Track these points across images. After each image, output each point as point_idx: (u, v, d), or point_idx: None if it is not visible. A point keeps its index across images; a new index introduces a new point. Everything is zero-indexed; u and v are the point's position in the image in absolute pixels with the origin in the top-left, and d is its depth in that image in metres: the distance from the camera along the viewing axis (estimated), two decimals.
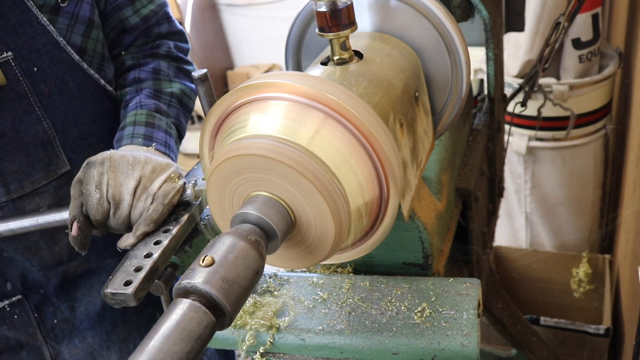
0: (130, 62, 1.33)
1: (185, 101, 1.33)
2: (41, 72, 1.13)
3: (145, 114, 1.21)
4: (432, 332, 0.84)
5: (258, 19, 4.90)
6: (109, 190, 0.96)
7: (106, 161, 0.98)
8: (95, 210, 0.97)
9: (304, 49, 1.04)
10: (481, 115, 1.48)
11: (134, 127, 1.19)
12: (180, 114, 1.31)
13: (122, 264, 0.91)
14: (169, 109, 1.27)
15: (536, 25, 2.30)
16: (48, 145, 1.16)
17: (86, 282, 1.33)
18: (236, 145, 0.69)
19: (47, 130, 1.15)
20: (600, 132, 2.55)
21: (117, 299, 0.86)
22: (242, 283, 0.61)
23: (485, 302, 1.46)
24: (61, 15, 1.15)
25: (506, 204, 2.81)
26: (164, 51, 1.34)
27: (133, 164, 0.98)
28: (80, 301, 1.33)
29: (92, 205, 0.96)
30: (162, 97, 1.28)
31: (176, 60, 1.36)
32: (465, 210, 1.22)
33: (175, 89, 1.31)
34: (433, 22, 0.93)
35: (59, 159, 1.18)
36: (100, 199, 0.96)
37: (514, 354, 1.96)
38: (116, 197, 0.97)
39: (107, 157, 0.98)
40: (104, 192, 0.97)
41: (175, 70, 1.34)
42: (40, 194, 1.18)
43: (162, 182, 0.98)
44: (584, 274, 2.61)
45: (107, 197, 0.97)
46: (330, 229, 0.69)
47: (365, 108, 0.70)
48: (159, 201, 0.97)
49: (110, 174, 0.97)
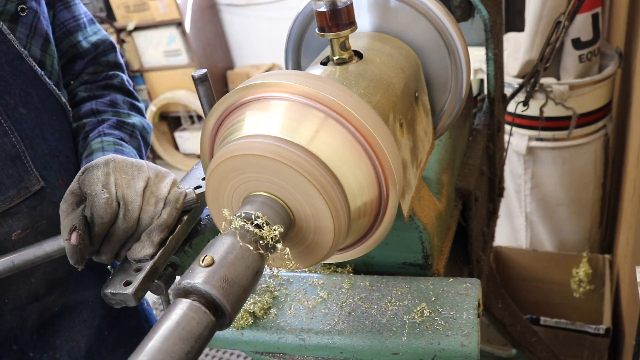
0: (84, 93, 1.28)
1: (145, 135, 1.28)
2: (5, 82, 1.07)
3: (112, 141, 1.16)
4: (432, 332, 0.84)
5: (258, 19, 4.90)
6: (117, 190, 0.91)
7: (110, 162, 0.93)
8: (104, 211, 0.89)
9: (304, 49, 1.04)
10: (481, 115, 1.48)
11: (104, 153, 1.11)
12: (142, 146, 1.26)
13: (122, 264, 0.91)
14: (131, 139, 1.22)
15: (536, 25, 2.30)
16: (17, 160, 1.08)
17: (66, 323, 1.21)
18: (236, 145, 0.69)
19: (15, 143, 1.08)
20: (600, 132, 2.55)
21: (117, 299, 0.85)
22: (242, 283, 0.61)
23: (485, 302, 1.46)
24: (20, 25, 1.10)
25: (506, 204, 2.81)
26: (117, 83, 1.32)
27: (138, 167, 0.94)
28: (61, 349, 1.20)
29: (99, 205, 0.89)
30: (125, 127, 1.23)
31: (129, 95, 1.33)
32: (465, 210, 1.22)
33: (136, 121, 1.27)
34: (433, 22, 0.93)
35: (31, 175, 1.10)
36: (109, 198, 0.90)
37: (514, 354, 1.97)
38: (126, 198, 0.91)
39: (110, 159, 0.94)
40: (113, 191, 0.90)
41: (129, 106, 1.31)
42: (13, 215, 1.09)
43: (170, 186, 0.94)
44: (584, 274, 2.62)
45: (117, 197, 0.91)
46: (329, 229, 0.69)
47: (365, 108, 0.70)
48: (172, 206, 0.92)
49: (117, 174, 0.92)
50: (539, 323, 2.36)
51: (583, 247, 2.74)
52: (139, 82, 5.10)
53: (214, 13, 5.05)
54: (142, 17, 4.73)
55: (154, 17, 4.69)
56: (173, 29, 4.73)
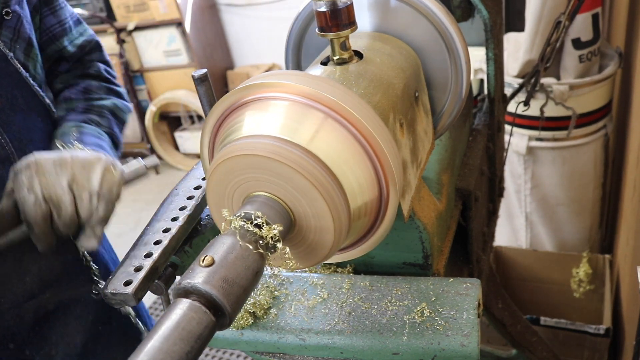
0: (60, 85, 1.32)
1: (118, 113, 1.31)
2: None
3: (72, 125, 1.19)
4: (432, 332, 0.84)
5: (258, 19, 4.90)
6: (43, 191, 0.95)
7: (32, 165, 0.96)
8: (35, 213, 0.94)
9: (304, 49, 1.04)
10: (481, 115, 1.48)
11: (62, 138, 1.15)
12: (113, 124, 1.28)
13: (122, 264, 0.91)
14: (100, 119, 1.25)
15: (536, 25, 2.30)
16: (6, 161, 1.10)
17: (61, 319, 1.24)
18: (236, 145, 0.69)
19: (5, 145, 1.10)
20: (600, 132, 2.55)
21: (117, 299, 0.85)
22: (242, 283, 0.61)
23: (485, 302, 1.46)
24: (4, 29, 1.12)
25: (506, 204, 2.81)
26: (94, 71, 1.35)
27: (60, 164, 0.97)
28: (57, 345, 1.23)
29: (29, 209, 0.94)
30: (93, 110, 1.26)
31: (106, 81, 1.36)
32: (465, 210, 1.22)
33: (107, 103, 1.30)
34: (433, 22, 0.93)
35: None
36: (36, 200, 0.94)
37: (514, 354, 1.97)
38: (53, 198, 0.95)
39: (32, 162, 0.97)
40: (39, 193, 0.94)
41: (105, 90, 1.34)
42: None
43: (100, 177, 0.97)
44: (584, 274, 2.62)
45: (44, 198, 0.95)
46: (329, 229, 0.69)
47: (365, 108, 0.70)
48: (106, 199, 0.97)
49: (40, 176, 0.95)
50: (539, 323, 2.36)
51: (583, 247, 2.74)
52: (139, 82, 5.10)
53: (214, 13, 5.05)
54: (142, 17, 4.73)
55: (154, 17, 4.69)
56: (173, 29, 4.73)
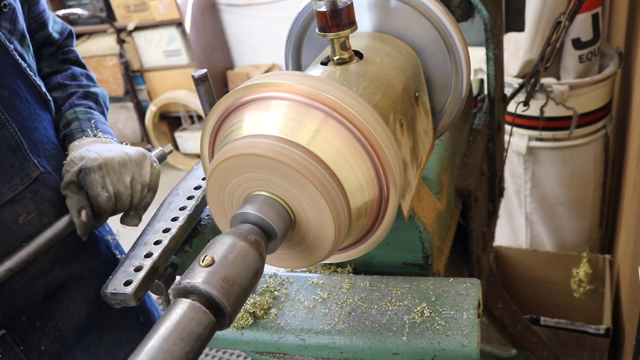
0: (47, 69, 1.44)
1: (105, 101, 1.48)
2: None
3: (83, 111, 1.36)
4: (432, 332, 0.84)
5: (258, 19, 4.90)
6: (113, 188, 1.18)
7: (103, 166, 1.18)
8: (106, 206, 1.19)
9: (304, 49, 1.04)
10: (481, 115, 1.48)
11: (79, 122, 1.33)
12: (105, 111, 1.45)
13: (122, 264, 0.91)
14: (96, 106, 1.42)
15: (536, 25, 2.30)
16: (17, 149, 1.17)
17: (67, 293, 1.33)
18: (236, 144, 0.69)
19: (14, 134, 1.16)
20: (600, 132, 2.55)
21: (117, 299, 0.86)
22: (242, 283, 0.61)
23: (485, 302, 1.46)
24: (3, 21, 1.17)
25: (506, 204, 2.81)
26: (73, 57, 1.48)
27: (123, 164, 1.20)
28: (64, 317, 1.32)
29: (103, 202, 1.18)
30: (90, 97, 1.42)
31: (83, 67, 1.50)
32: (465, 210, 1.22)
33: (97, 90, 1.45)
34: (433, 22, 0.93)
35: (29, 162, 1.19)
36: (109, 197, 1.18)
37: (514, 354, 1.97)
38: (119, 193, 1.20)
39: (102, 163, 1.18)
40: (111, 190, 1.18)
41: (86, 76, 1.48)
42: (19, 200, 1.18)
43: (150, 172, 1.24)
44: (584, 274, 2.61)
45: (114, 194, 1.19)
46: (330, 229, 0.69)
47: (366, 108, 0.70)
48: (153, 190, 1.25)
49: (111, 176, 1.18)
50: (539, 323, 2.36)
51: (583, 247, 2.74)
52: (139, 82, 5.09)
53: (214, 13, 5.05)
54: (142, 17, 4.73)
55: (154, 17, 4.69)
56: (173, 29, 4.73)
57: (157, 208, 1.04)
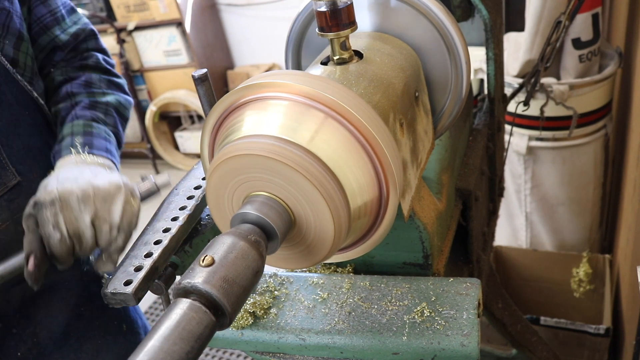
0: (60, 77, 1.32)
1: (122, 111, 1.33)
2: None
3: (82, 124, 1.22)
4: (432, 332, 0.84)
5: (258, 19, 4.90)
6: (68, 227, 0.99)
7: (56, 202, 0.99)
8: (60, 249, 0.99)
9: (304, 48, 1.04)
10: (481, 115, 1.48)
11: (72, 137, 1.18)
12: (118, 123, 1.31)
13: (122, 264, 0.91)
14: (106, 117, 1.27)
15: (536, 25, 2.30)
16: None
17: (45, 300, 1.29)
18: (236, 145, 0.69)
19: None
20: (601, 132, 2.55)
21: (117, 299, 0.85)
22: (242, 283, 0.61)
23: (485, 302, 1.46)
24: None
25: (506, 204, 2.81)
26: (92, 62, 1.34)
27: (84, 200, 1.00)
28: (42, 324, 1.28)
29: (55, 245, 0.99)
30: (99, 107, 1.28)
31: (106, 73, 1.36)
32: (465, 210, 1.22)
33: (111, 99, 1.31)
34: (433, 22, 0.93)
35: (7, 170, 1.15)
36: (62, 237, 0.98)
37: (514, 354, 1.96)
38: (77, 233, 1.00)
39: (56, 198, 1.00)
40: (64, 230, 0.99)
41: (106, 83, 1.34)
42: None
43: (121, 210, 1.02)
44: (584, 274, 2.61)
45: (69, 235, 0.99)
46: (329, 229, 0.69)
47: (366, 108, 0.70)
48: (125, 231, 1.02)
49: (65, 213, 0.99)
50: (539, 323, 2.36)
51: (583, 247, 2.74)
52: (139, 82, 5.10)
53: (214, 13, 5.05)
54: (142, 17, 4.73)
55: (154, 17, 4.69)
56: (173, 28, 4.73)
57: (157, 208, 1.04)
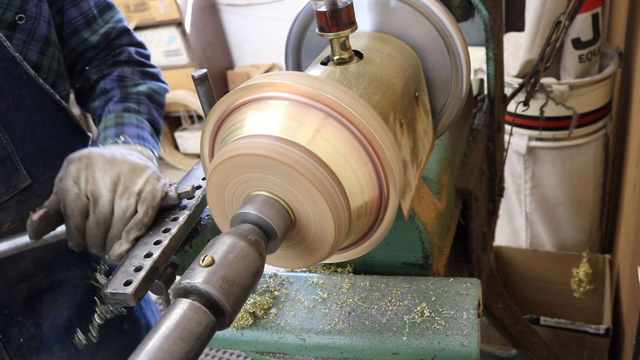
0: (95, 75, 1.34)
1: (156, 97, 1.33)
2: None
3: (113, 117, 1.22)
4: (432, 332, 0.84)
5: (258, 19, 4.90)
6: (87, 185, 0.96)
7: (84, 158, 0.98)
8: (74, 204, 0.95)
9: (304, 49, 1.04)
10: (481, 115, 1.48)
11: (105, 132, 1.19)
12: (152, 109, 1.30)
13: (122, 264, 0.91)
14: (139, 106, 1.27)
15: (536, 25, 2.30)
16: (7, 160, 1.14)
17: (51, 296, 1.31)
18: (236, 145, 0.69)
19: (6, 145, 1.13)
20: (600, 132, 2.55)
21: (117, 299, 0.85)
22: (242, 283, 0.61)
23: (485, 302, 1.46)
24: (18, 32, 1.14)
25: (506, 204, 2.81)
26: (125, 57, 1.35)
27: (111, 162, 0.98)
28: (46, 316, 1.31)
29: (70, 199, 0.95)
30: (130, 97, 1.28)
31: (139, 65, 1.36)
32: (465, 210, 1.22)
33: (143, 88, 1.31)
34: (433, 22, 0.93)
35: (19, 173, 1.16)
36: (79, 193, 0.95)
37: (514, 354, 1.97)
38: (94, 193, 0.96)
39: (85, 155, 0.98)
40: (83, 187, 0.96)
41: (140, 74, 1.34)
42: (3, 209, 1.16)
43: (144, 182, 0.98)
44: (584, 274, 2.62)
45: (86, 192, 0.96)
46: (330, 229, 0.69)
47: (366, 108, 0.70)
48: (148, 204, 0.96)
49: (88, 170, 0.97)
50: (539, 323, 2.36)
51: (583, 247, 2.74)
52: None
53: (214, 13, 5.05)
54: (142, 17, 4.73)
55: (154, 17, 4.69)
56: (173, 29, 4.73)
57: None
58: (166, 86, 1.38)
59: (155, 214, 0.97)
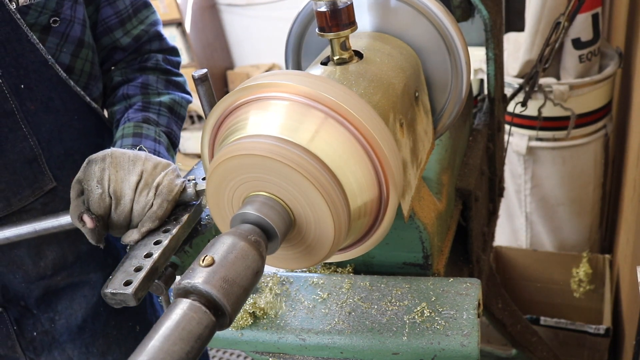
0: (119, 78, 1.32)
1: (177, 109, 1.32)
2: (28, 89, 1.12)
3: (132, 126, 1.20)
4: (432, 332, 0.84)
5: (258, 19, 4.90)
6: (110, 185, 0.96)
7: (107, 157, 0.98)
8: (97, 206, 0.96)
9: (304, 49, 1.04)
10: (481, 115, 1.48)
11: (122, 140, 1.17)
12: (172, 122, 1.29)
13: (122, 264, 0.91)
14: (158, 117, 1.26)
15: (536, 25, 2.30)
16: (33, 162, 1.15)
17: (68, 295, 1.32)
18: (236, 145, 0.69)
19: (33, 147, 1.14)
20: (600, 132, 2.55)
21: (117, 299, 0.85)
22: (242, 283, 0.61)
23: (485, 302, 1.46)
24: (51, 35, 1.14)
25: (506, 204, 2.81)
26: (152, 64, 1.34)
27: (134, 160, 0.98)
28: (61, 314, 1.32)
29: (94, 200, 0.96)
30: (151, 107, 1.27)
31: (165, 73, 1.35)
32: (465, 210, 1.22)
33: (165, 99, 1.30)
34: (433, 22, 0.93)
35: (45, 175, 1.17)
36: (102, 194, 0.96)
37: (514, 354, 1.97)
38: (117, 193, 0.97)
39: (108, 154, 0.98)
40: (106, 187, 0.96)
41: (164, 83, 1.33)
42: (28, 211, 1.17)
43: (163, 176, 0.98)
44: (584, 274, 2.62)
45: (109, 192, 0.97)
46: (329, 229, 0.69)
47: (366, 108, 0.70)
48: (164, 197, 0.96)
49: (111, 170, 0.97)
50: (539, 323, 2.36)
51: (583, 247, 2.74)
52: None
53: (214, 13, 5.05)
54: None
55: None
56: (173, 29, 4.73)
57: None
58: (189, 97, 1.37)
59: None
